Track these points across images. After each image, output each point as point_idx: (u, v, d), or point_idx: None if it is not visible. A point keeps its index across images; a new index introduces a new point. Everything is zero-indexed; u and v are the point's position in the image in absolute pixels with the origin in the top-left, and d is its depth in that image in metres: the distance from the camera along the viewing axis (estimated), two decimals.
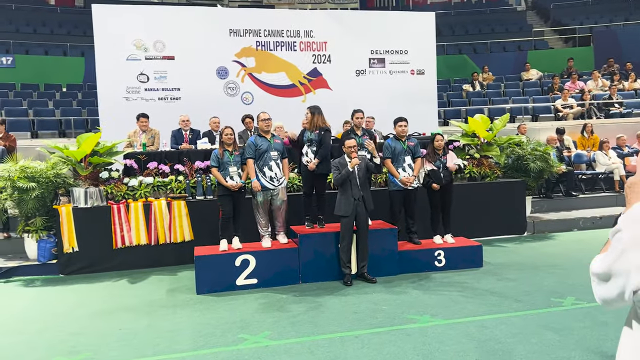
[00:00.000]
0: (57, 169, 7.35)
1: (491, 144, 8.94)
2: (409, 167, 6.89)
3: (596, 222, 9.16)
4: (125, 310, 5.57)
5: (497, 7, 22.67)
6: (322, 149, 6.65)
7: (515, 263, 6.96)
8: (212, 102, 9.97)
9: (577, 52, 17.34)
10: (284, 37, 10.59)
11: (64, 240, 7.09)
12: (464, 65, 17.32)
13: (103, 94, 9.73)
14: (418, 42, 11.23)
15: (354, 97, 10.46)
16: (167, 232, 7.42)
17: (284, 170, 6.51)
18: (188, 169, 7.85)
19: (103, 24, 9.75)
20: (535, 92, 14.80)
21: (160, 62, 9.99)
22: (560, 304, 5.24)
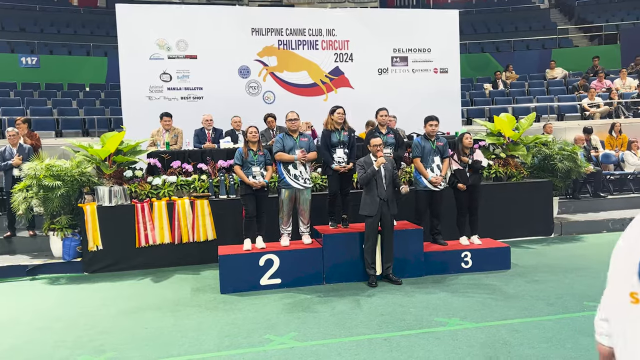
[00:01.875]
0: (81, 168, 7.39)
1: (517, 143, 8.77)
2: (437, 168, 6.77)
3: (625, 223, 8.89)
4: (150, 309, 5.55)
5: (520, 5, 22.35)
6: (354, 150, 6.62)
7: (544, 265, 6.80)
8: (234, 101, 9.95)
9: (603, 50, 16.99)
10: (306, 36, 10.53)
11: (88, 238, 7.12)
12: (487, 63, 17.09)
13: (126, 93, 9.77)
14: (441, 40, 11.08)
15: (376, 96, 10.35)
16: (190, 231, 7.40)
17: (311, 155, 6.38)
18: (211, 168, 7.83)
19: (127, 23, 9.78)
20: (560, 91, 14.53)
21: (183, 61, 10.00)
22: (594, 307, 5.08)
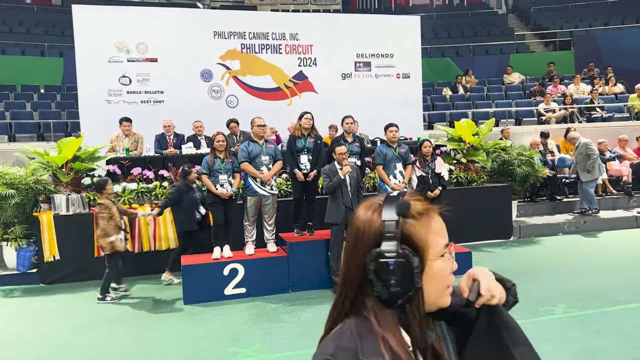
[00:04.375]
0: (37, 175, 7.15)
1: (477, 148, 8.95)
2: (400, 174, 6.84)
3: (580, 226, 9.23)
4: (111, 322, 5.41)
5: (479, 10, 22.83)
6: (321, 158, 6.62)
7: (503, 269, 6.88)
8: (196, 105, 9.80)
9: (558, 56, 17.52)
10: (270, 40, 10.47)
11: (44, 248, 6.88)
12: (448, 68, 17.38)
13: (84, 96, 9.49)
14: (404, 46, 11.20)
15: (339, 100, 10.40)
16: (151, 239, 7.25)
17: (273, 169, 6.37)
18: (173, 175, 7.69)
19: (84, 25, 9.51)
20: (517, 95, 14.91)
21: (143, 64, 9.78)
22: (552, 312, 5.23)
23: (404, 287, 1.02)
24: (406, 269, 1.01)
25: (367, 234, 1.05)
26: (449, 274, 1.09)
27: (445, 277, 1.08)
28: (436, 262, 1.07)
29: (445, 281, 1.09)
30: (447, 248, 1.09)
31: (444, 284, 1.08)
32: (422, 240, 1.05)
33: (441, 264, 1.07)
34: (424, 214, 1.08)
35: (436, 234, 1.07)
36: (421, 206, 1.08)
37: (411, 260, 1.01)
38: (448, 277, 1.09)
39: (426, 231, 1.06)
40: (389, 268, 1.01)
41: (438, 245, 1.07)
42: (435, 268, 1.06)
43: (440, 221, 1.10)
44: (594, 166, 9.52)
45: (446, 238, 1.10)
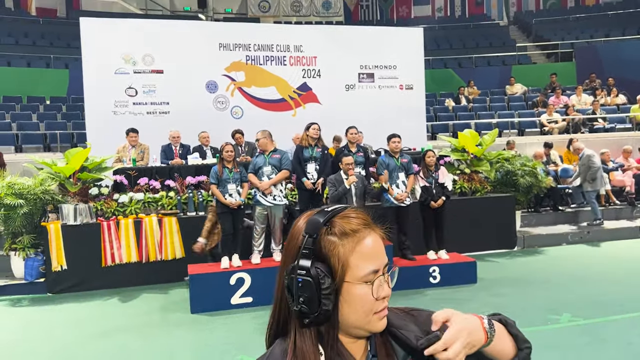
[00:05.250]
0: (45, 186, 7.22)
1: (481, 159, 9.01)
2: (403, 184, 6.90)
3: (584, 236, 9.26)
4: (118, 331, 5.45)
5: (480, 22, 23.00)
6: (327, 167, 6.71)
7: (508, 279, 6.99)
8: (202, 116, 9.88)
9: (560, 67, 17.63)
10: (274, 52, 10.58)
11: (52, 258, 6.93)
12: (450, 79, 17.49)
13: (90, 108, 9.59)
14: (406, 57, 11.30)
15: (343, 111, 10.48)
16: (157, 249, 7.30)
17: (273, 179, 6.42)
18: (179, 185, 7.76)
19: (91, 37, 9.63)
20: (520, 106, 14.99)
21: (149, 75, 9.89)
22: (557, 320, 5.26)
23: (311, 307, 0.96)
24: (313, 288, 0.96)
25: (291, 247, 1.02)
26: (373, 300, 0.99)
27: (367, 304, 0.99)
28: (357, 286, 0.99)
29: (368, 307, 0.99)
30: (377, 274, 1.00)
31: (366, 310, 0.99)
32: (341, 261, 0.99)
33: (363, 289, 0.99)
34: (351, 235, 1.00)
35: (361, 257, 0.99)
36: (352, 225, 1.01)
37: (320, 280, 0.96)
38: (373, 304, 0.99)
39: (349, 252, 0.99)
40: (298, 285, 0.97)
41: (361, 269, 0.99)
42: (354, 293, 0.99)
43: (374, 244, 1.01)
44: (594, 177, 9.61)
45: (377, 263, 1.00)
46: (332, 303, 0.98)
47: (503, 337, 1.05)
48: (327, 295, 0.97)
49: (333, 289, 0.98)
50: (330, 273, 0.98)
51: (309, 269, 0.97)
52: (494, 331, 1.02)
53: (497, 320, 1.08)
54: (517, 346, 1.07)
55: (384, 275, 1.02)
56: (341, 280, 0.99)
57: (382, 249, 1.03)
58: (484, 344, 1.00)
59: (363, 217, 1.04)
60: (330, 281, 0.97)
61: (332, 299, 0.97)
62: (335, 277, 0.98)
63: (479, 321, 1.01)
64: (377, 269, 1.00)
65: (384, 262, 1.03)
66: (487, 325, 1.01)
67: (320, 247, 0.99)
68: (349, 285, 0.99)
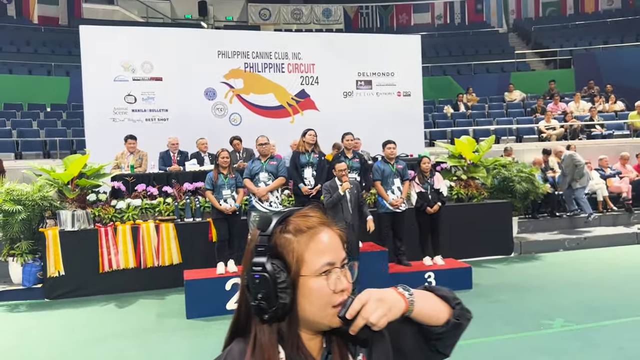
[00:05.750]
0: (43, 192, 7.27)
1: (477, 165, 9.05)
2: (398, 190, 6.94)
3: (581, 242, 9.28)
4: (115, 337, 5.48)
5: (480, 30, 23.10)
6: (324, 173, 6.77)
7: (503, 284, 7.01)
8: (200, 123, 9.95)
9: (558, 74, 17.70)
10: (272, 59, 10.66)
11: (49, 263, 6.97)
12: (449, 86, 17.56)
13: (90, 115, 9.67)
14: (404, 64, 11.38)
15: (341, 118, 10.53)
16: (155, 255, 7.34)
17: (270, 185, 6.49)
18: (176, 191, 7.81)
19: (91, 45, 9.72)
20: (518, 113, 15.05)
21: (148, 83, 9.97)
22: (550, 325, 5.28)
23: (269, 302, 1.00)
24: (270, 283, 0.99)
25: (250, 248, 1.06)
26: (330, 293, 1.02)
27: (324, 296, 1.02)
28: (313, 279, 1.02)
29: (325, 300, 1.02)
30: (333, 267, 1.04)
31: (324, 303, 1.02)
32: (297, 256, 1.03)
33: (319, 282, 1.02)
34: (305, 231, 1.04)
35: (316, 252, 1.03)
36: (308, 222, 1.06)
37: (276, 274, 1.00)
38: (330, 297, 1.02)
39: (304, 247, 1.03)
40: (255, 281, 1.00)
41: (315, 262, 1.02)
42: (311, 285, 1.02)
43: (330, 239, 1.05)
44: (582, 174, 9.88)
45: (332, 256, 1.04)
46: (289, 297, 1.01)
47: (430, 300, 1.10)
48: (283, 289, 1.00)
49: (289, 283, 1.01)
50: (286, 268, 1.02)
51: (265, 265, 1.01)
52: (413, 295, 1.06)
53: (422, 288, 1.13)
54: (450, 305, 1.11)
55: (341, 269, 1.05)
56: (297, 274, 1.02)
57: (338, 245, 1.07)
58: (408, 308, 1.04)
59: (319, 215, 1.09)
60: (286, 275, 1.01)
61: (289, 293, 1.01)
62: (290, 271, 1.02)
63: (392, 289, 1.05)
64: (332, 262, 1.03)
65: (341, 257, 1.06)
66: (402, 290, 1.05)
67: (275, 245, 1.03)
68: (305, 279, 1.02)
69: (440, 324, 1.09)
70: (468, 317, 1.14)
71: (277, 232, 1.04)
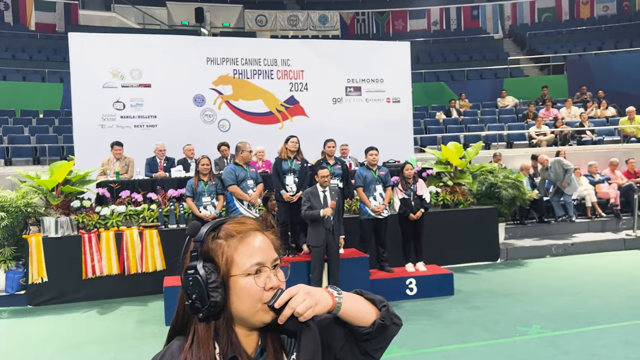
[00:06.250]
0: (27, 198, 7.29)
1: (464, 171, 9.06)
2: (380, 196, 6.95)
3: (568, 248, 9.27)
4: (92, 343, 5.49)
5: (475, 36, 23.15)
6: (306, 180, 6.79)
7: (485, 291, 7.00)
8: (189, 129, 9.99)
9: (552, 80, 17.74)
10: (261, 66, 10.70)
11: (32, 270, 6.99)
12: (442, 92, 17.60)
13: (78, 121, 9.70)
14: (394, 71, 11.41)
15: (330, 124, 10.56)
16: (138, 261, 7.35)
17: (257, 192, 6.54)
18: (161, 197, 7.82)
19: (79, 51, 9.77)
20: (510, 119, 15.07)
21: (137, 89, 10.01)
22: (526, 332, 5.28)
23: (202, 301, 1.08)
24: (201, 284, 1.07)
25: (186, 256, 1.15)
26: (259, 290, 1.10)
27: (253, 294, 1.10)
28: (242, 278, 1.10)
29: (256, 297, 1.10)
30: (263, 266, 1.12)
31: (255, 300, 1.10)
32: (226, 258, 1.11)
33: (248, 281, 1.10)
34: (235, 236, 1.13)
35: (245, 253, 1.11)
36: (237, 228, 1.14)
37: (207, 276, 1.08)
38: (260, 294, 1.10)
39: (233, 250, 1.12)
40: (190, 283, 1.09)
41: (245, 263, 1.11)
42: (240, 284, 1.10)
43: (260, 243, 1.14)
44: (571, 178, 10.08)
45: (261, 257, 1.12)
46: (220, 296, 1.09)
47: (357, 302, 1.17)
48: (214, 289, 1.08)
49: (220, 283, 1.10)
50: (217, 270, 1.11)
51: (197, 268, 1.10)
52: (342, 295, 1.13)
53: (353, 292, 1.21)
54: (377, 308, 1.19)
55: (273, 270, 1.14)
56: (227, 275, 1.11)
57: (269, 247, 1.16)
58: (335, 306, 1.11)
59: (252, 222, 1.18)
60: (216, 276, 1.10)
61: (220, 292, 1.09)
62: (220, 272, 1.11)
63: (322, 288, 1.14)
64: (261, 262, 1.12)
65: (271, 258, 1.15)
66: (331, 290, 1.14)
67: (207, 250, 1.13)
68: (235, 279, 1.11)
69: (367, 325, 1.15)
70: (396, 321, 1.19)
71: (209, 238, 1.14)
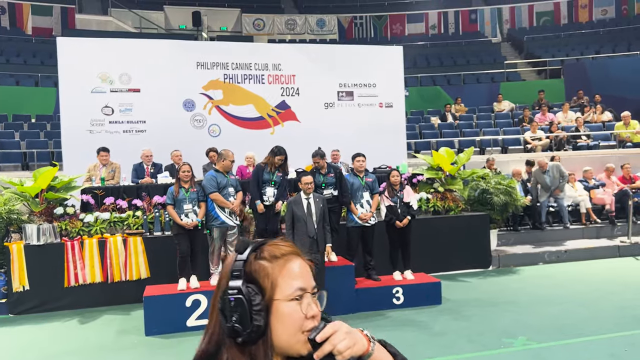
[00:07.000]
0: (9, 205, 7.19)
1: (455, 177, 8.95)
2: (367, 203, 6.84)
3: (561, 255, 9.14)
4: (71, 354, 5.40)
5: (473, 39, 23.06)
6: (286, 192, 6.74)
7: (474, 300, 6.87)
8: (179, 134, 9.89)
9: (548, 84, 17.62)
10: (252, 70, 10.60)
11: (14, 278, 6.89)
12: (438, 96, 17.49)
13: (66, 127, 9.60)
14: (386, 75, 11.30)
15: (322, 129, 10.48)
16: (122, 269, 7.24)
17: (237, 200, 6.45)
18: (146, 204, 7.71)
19: (68, 56, 9.69)
20: (506, 123, 14.94)
21: (126, 94, 9.92)
22: (511, 344, 5.16)
23: (244, 324, 1.03)
24: (245, 305, 1.03)
25: (224, 274, 1.09)
26: (302, 317, 1.07)
27: (296, 320, 1.06)
28: (286, 304, 1.06)
29: (298, 325, 1.06)
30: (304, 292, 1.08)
31: (297, 327, 1.06)
32: (270, 280, 1.07)
33: (292, 306, 1.07)
34: (280, 257, 1.09)
35: (289, 277, 1.08)
36: (281, 250, 1.11)
37: (251, 297, 1.04)
38: (302, 321, 1.07)
39: (277, 272, 1.07)
40: (231, 304, 1.04)
41: (289, 287, 1.07)
42: (284, 309, 1.06)
43: (301, 267, 1.11)
44: (564, 186, 10.21)
45: (304, 282, 1.08)
46: (263, 320, 1.05)
47: (384, 354, 1.14)
48: (258, 312, 1.04)
49: (264, 305, 1.05)
50: (261, 292, 1.06)
51: (240, 288, 1.05)
52: (375, 341, 1.12)
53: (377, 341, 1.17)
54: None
55: (312, 297, 1.10)
56: (270, 298, 1.06)
57: (309, 273, 1.12)
58: (368, 350, 1.09)
59: (290, 245, 1.15)
60: (260, 298, 1.05)
61: (263, 315, 1.05)
62: (265, 295, 1.06)
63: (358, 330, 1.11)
64: (304, 287, 1.08)
65: (311, 285, 1.11)
66: (367, 333, 1.12)
67: (250, 270, 1.08)
68: (278, 303, 1.07)
69: None
70: None
71: (251, 259, 1.09)
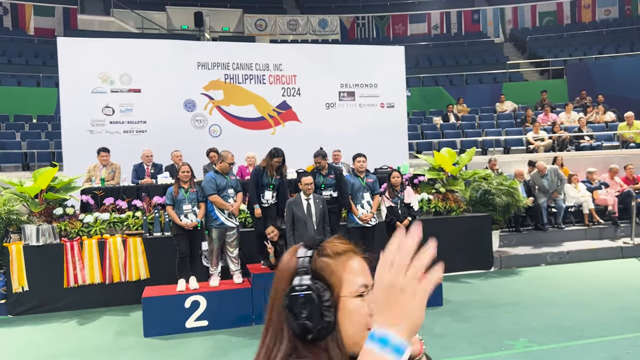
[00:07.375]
0: (9, 206, 7.17)
1: (456, 178, 8.90)
2: (368, 204, 6.80)
3: (563, 256, 9.08)
4: (69, 355, 5.37)
5: (475, 40, 22.99)
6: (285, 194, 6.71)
7: (475, 301, 6.82)
8: (179, 134, 9.86)
9: (551, 84, 17.53)
10: (253, 70, 10.57)
11: (13, 279, 6.87)
12: (440, 97, 17.42)
13: (67, 127, 9.58)
14: (388, 76, 11.25)
15: (323, 130, 10.44)
16: (122, 270, 7.21)
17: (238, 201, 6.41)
18: (146, 205, 7.68)
19: (68, 57, 9.67)
20: (508, 124, 14.87)
21: (127, 94, 9.89)
22: (512, 346, 5.10)
23: (314, 321, 1.01)
24: (315, 301, 1.02)
25: (285, 274, 1.08)
26: (367, 314, 1.06)
27: (363, 317, 1.05)
28: (352, 300, 1.06)
29: (364, 321, 1.05)
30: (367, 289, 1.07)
31: (363, 323, 1.05)
32: (336, 277, 1.06)
33: (358, 302, 1.06)
34: (342, 254, 1.09)
35: (353, 273, 1.08)
36: (341, 247, 1.11)
37: (321, 293, 1.02)
38: (367, 318, 1.05)
39: (342, 269, 1.07)
40: (299, 301, 1.02)
41: (354, 283, 1.07)
42: (351, 305, 1.06)
43: (362, 263, 1.11)
44: (562, 189, 10.30)
45: (367, 279, 1.08)
46: (333, 316, 1.03)
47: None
48: (328, 308, 1.02)
49: (333, 302, 1.04)
50: (329, 288, 1.04)
51: (310, 285, 1.03)
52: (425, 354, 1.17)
53: None
54: None
55: None
56: (338, 295, 1.05)
57: (367, 270, 1.11)
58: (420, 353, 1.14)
59: (347, 242, 1.14)
60: (329, 294, 1.04)
61: (332, 312, 1.03)
62: (333, 291, 1.05)
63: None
64: (366, 284, 1.07)
65: (372, 282, 1.07)
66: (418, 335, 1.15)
67: (315, 268, 1.06)
68: (345, 300, 1.06)
69: None
70: None
71: (315, 255, 1.08)
